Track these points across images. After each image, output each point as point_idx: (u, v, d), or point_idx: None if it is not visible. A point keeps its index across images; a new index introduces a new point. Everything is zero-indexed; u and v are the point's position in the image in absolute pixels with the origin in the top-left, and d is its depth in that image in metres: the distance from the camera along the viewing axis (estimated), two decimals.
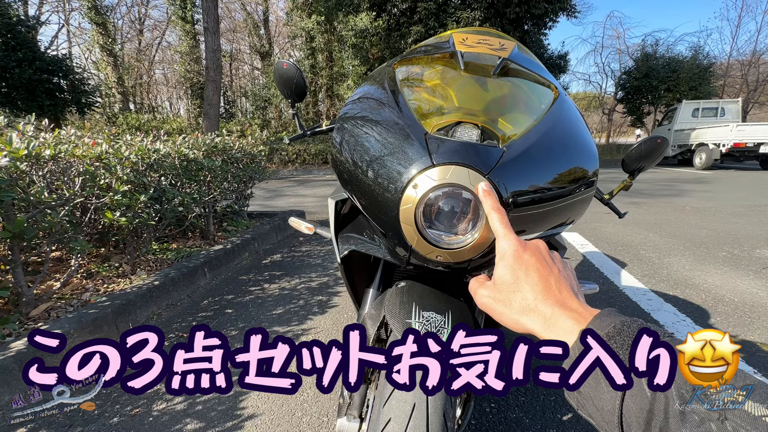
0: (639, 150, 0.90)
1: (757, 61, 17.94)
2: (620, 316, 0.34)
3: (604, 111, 20.45)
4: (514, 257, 0.40)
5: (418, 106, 0.68)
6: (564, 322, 0.35)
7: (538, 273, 0.39)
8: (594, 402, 0.31)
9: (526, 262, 0.40)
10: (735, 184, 7.04)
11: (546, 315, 0.36)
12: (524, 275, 0.39)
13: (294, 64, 0.95)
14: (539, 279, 0.38)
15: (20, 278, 1.60)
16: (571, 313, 0.35)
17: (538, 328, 0.36)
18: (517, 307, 0.38)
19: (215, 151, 2.84)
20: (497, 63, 0.70)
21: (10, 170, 1.46)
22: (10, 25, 8.32)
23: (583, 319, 0.34)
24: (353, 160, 0.63)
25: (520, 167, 0.54)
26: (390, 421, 0.53)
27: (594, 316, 0.34)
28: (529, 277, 0.39)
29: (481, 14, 10.36)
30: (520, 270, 0.39)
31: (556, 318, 0.36)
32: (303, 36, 14.87)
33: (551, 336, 0.35)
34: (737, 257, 2.74)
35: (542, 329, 0.36)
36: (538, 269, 0.39)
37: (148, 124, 15.02)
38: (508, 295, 0.39)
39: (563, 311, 0.36)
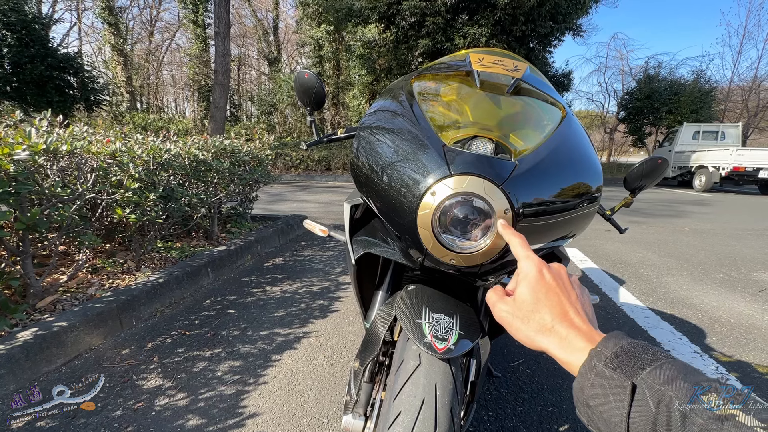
0: (640, 169, 0.95)
1: (758, 87, 18.18)
2: (628, 338, 0.37)
3: (606, 130, 20.66)
4: (537, 279, 0.43)
5: (434, 118, 0.72)
6: (578, 343, 0.38)
7: (557, 296, 0.42)
8: (603, 416, 0.34)
9: (547, 284, 0.43)
10: (733, 208, 7.09)
11: (561, 335, 0.39)
12: (544, 297, 0.42)
13: (314, 74, 1.00)
14: (558, 302, 0.41)
15: (29, 270, 1.63)
16: (584, 335, 0.39)
17: (553, 348, 0.40)
18: (534, 325, 0.41)
19: (224, 154, 2.89)
20: (511, 83, 0.74)
21: (28, 163, 1.50)
22: (25, 22, 8.46)
23: (594, 341, 0.38)
24: (372, 167, 0.67)
25: (531, 180, 0.58)
26: (400, 414, 0.55)
27: (603, 338, 0.38)
28: (548, 300, 0.42)
29: (488, 31, 10.52)
30: (541, 292, 0.42)
31: (570, 339, 0.39)
32: (311, 44, 15.12)
33: (564, 355, 0.39)
34: (734, 279, 2.77)
35: (556, 348, 0.39)
36: (558, 293, 0.42)
37: (154, 123, 15.15)
38: (527, 314, 0.42)
39: (577, 333, 0.39)
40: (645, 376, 0.32)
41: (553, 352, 0.40)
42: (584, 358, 0.37)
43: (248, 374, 1.47)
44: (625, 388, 0.33)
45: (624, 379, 0.33)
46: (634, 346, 0.35)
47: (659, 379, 0.31)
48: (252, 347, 1.66)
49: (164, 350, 1.61)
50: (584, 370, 0.36)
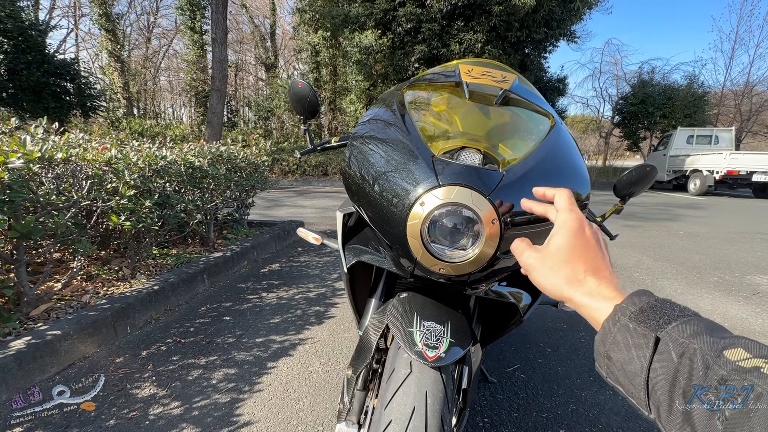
0: (630, 176, 0.96)
1: (750, 91, 18.38)
2: (654, 295, 0.37)
3: (601, 134, 20.81)
4: (576, 231, 0.43)
5: (424, 128, 0.73)
6: (607, 295, 0.39)
7: (595, 252, 0.42)
8: (624, 366, 0.34)
9: (587, 239, 0.43)
10: (728, 211, 7.15)
11: (591, 288, 0.40)
12: (582, 250, 0.42)
13: (308, 83, 1.01)
14: (594, 258, 0.42)
15: (23, 278, 1.62)
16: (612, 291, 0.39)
17: (580, 297, 0.40)
18: (563, 275, 0.41)
19: (220, 160, 2.89)
20: (499, 93, 0.76)
21: (23, 171, 1.50)
22: (22, 29, 8.47)
23: (621, 296, 0.38)
24: (363, 176, 0.68)
25: (518, 190, 0.59)
26: (391, 422, 0.56)
27: (629, 294, 0.38)
28: (586, 254, 0.42)
29: (483, 37, 10.63)
30: (579, 244, 0.42)
31: (600, 290, 0.39)
32: (308, 50, 15.19)
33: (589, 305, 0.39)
34: (728, 283, 2.79)
35: (584, 298, 0.40)
36: (596, 249, 0.43)
37: (151, 129, 15.13)
38: (558, 263, 0.42)
39: (608, 286, 0.40)
40: (670, 330, 0.32)
41: (580, 301, 0.40)
42: (609, 312, 0.37)
43: (243, 382, 1.46)
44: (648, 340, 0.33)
45: (648, 332, 0.33)
46: (661, 303, 0.36)
47: (684, 333, 0.32)
48: (247, 354, 1.66)
49: (159, 358, 1.60)
50: (608, 324, 0.36)
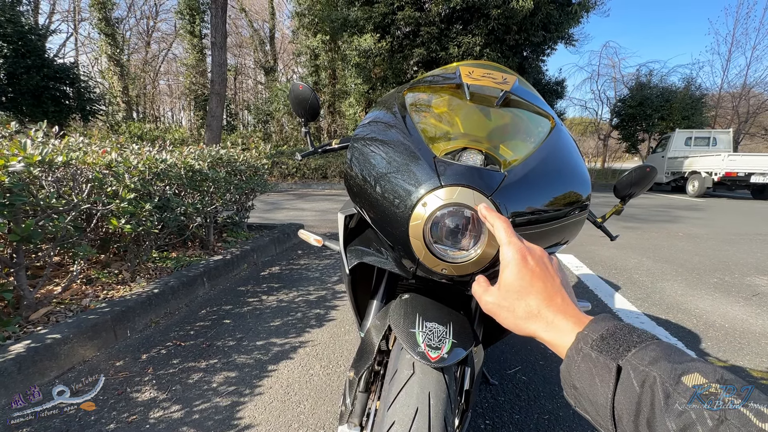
0: (630, 177, 0.96)
1: (747, 93, 18.48)
2: (614, 320, 0.37)
3: (600, 136, 20.89)
4: (519, 263, 0.43)
5: (426, 129, 0.74)
6: (565, 326, 0.39)
7: (542, 282, 0.42)
8: (589, 397, 0.34)
9: (531, 269, 0.43)
10: (726, 212, 7.16)
11: (548, 320, 0.40)
12: (529, 283, 0.42)
13: (308, 86, 1.02)
14: (543, 288, 0.42)
15: (23, 281, 1.62)
16: (570, 318, 0.39)
17: (541, 332, 0.40)
18: (521, 312, 0.42)
19: (220, 163, 2.90)
20: (500, 95, 0.76)
21: (23, 175, 1.50)
22: (22, 33, 8.50)
23: (581, 323, 0.38)
24: (365, 177, 0.68)
25: (520, 190, 0.60)
26: (394, 424, 0.56)
27: (590, 321, 0.38)
28: (533, 286, 0.42)
29: (481, 40, 10.68)
30: (525, 278, 0.42)
31: (557, 322, 0.39)
32: (308, 54, 15.26)
33: (552, 338, 0.39)
34: (728, 284, 2.80)
35: (544, 333, 0.40)
36: (542, 278, 0.42)
37: (150, 133, 15.15)
38: (513, 302, 0.42)
39: (564, 317, 0.40)
40: (630, 358, 0.32)
41: (541, 336, 0.40)
42: (572, 341, 0.37)
43: (244, 385, 1.46)
44: (611, 369, 0.33)
45: (609, 361, 0.33)
46: (620, 329, 0.35)
47: (644, 360, 0.32)
48: (248, 357, 1.65)
49: (159, 361, 1.60)
50: (571, 352, 0.37)
